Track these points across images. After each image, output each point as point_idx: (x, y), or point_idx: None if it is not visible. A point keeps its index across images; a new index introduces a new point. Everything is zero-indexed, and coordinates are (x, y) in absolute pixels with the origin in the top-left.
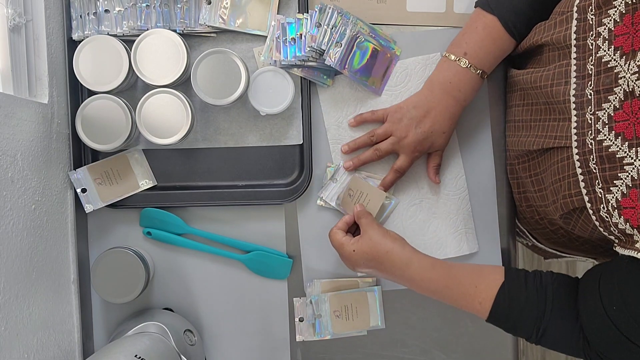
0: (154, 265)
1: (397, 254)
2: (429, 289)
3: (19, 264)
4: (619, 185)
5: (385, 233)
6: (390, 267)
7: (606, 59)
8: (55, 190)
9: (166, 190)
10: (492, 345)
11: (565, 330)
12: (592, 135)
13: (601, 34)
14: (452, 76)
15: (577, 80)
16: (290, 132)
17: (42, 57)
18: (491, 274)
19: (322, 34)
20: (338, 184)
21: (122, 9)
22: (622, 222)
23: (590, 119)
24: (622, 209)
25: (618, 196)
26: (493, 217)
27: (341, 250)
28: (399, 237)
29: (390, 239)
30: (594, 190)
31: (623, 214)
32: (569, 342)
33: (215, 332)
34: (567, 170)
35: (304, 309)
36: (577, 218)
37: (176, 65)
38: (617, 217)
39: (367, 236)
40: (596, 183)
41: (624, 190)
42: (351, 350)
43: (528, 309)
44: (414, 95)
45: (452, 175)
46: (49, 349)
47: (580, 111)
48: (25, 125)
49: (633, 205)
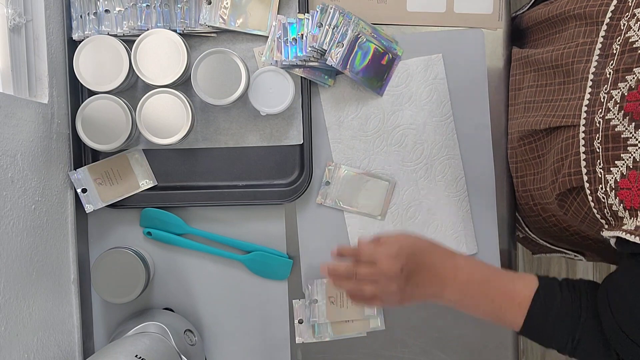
0: (154, 266)
1: (437, 248)
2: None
3: (19, 264)
4: (620, 167)
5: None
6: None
7: (633, 39)
8: (56, 190)
9: (166, 190)
10: (492, 345)
11: (599, 341)
12: (602, 114)
13: (636, 14)
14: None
15: (599, 59)
16: (291, 132)
17: (42, 57)
18: (527, 278)
19: (324, 34)
20: (332, 186)
21: (122, 9)
22: (616, 204)
23: (603, 97)
24: (619, 189)
25: (617, 177)
26: (492, 219)
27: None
28: None
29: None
30: (594, 171)
31: (619, 194)
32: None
33: (216, 332)
34: (571, 149)
35: (303, 311)
36: (572, 200)
37: (176, 65)
38: (613, 197)
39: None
40: (597, 163)
41: (623, 172)
42: (351, 350)
43: (563, 314)
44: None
45: (451, 177)
46: (49, 349)
47: (595, 89)
48: (25, 125)
49: (629, 187)
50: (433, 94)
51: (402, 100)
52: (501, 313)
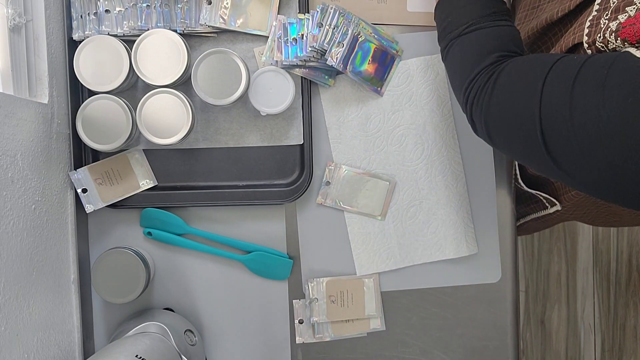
0: (155, 266)
1: None
2: None
3: (19, 264)
4: (629, 11)
5: None
6: None
7: None
8: (56, 190)
9: (166, 191)
10: (492, 345)
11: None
12: None
13: None
14: None
15: None
16: (291, 132)
17: (42, 57)
18: None
19: (324, 34)
20: (332, 186)
21: (122, 9)
22: (619, 44)
23: None
24: (622, 29)
25: (622, 19)
26: (492, 219)
27: None
28: None
29: None
30: (597, 23)
31: (620, 34)
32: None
33: (216, 332)
34: (581, 11)
35: (303, 311)
36: None
37: (177, 66)
38: (613, 41)
39: None
40: (604, 15)
41: (631, 14)
42: (352, 350)
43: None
44: None
45: (451, 176)
46: (49, 349)
47: None
48: (25, 125)
49: (633, 22)
50: (433, 94)
51: (403, 100)
52: None
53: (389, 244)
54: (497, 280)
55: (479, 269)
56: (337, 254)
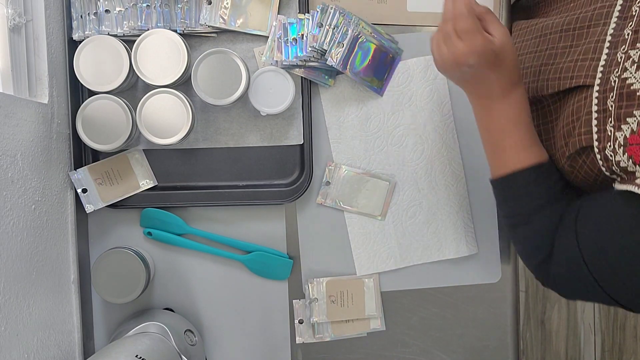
0: (155, 266)
1: (516, 67)
2: (499, 119)
3: (19, 264)
4: (630, 123)
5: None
6: (501, 76)
7: None
8: (56, 190)
9: (166, 191)
10: (492, 345)
11: (540, 237)
12: (618, 73)
13: None
14: None
15: (617, 21)
16: (291, 132)
17: (42, 57)
18: (542, 148)
19: (324, 34)
20: (332, 186)
21: (122, 9)
22: (624, 160)
23: (620, 57)
24: (628, 145)
25: (627, 133)
26: (492, 219)
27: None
28: None
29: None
30: (604, 129)
31: (627, 150)
32: (536, 248)
33: (216, 332)
34: (582, 110)
35: (303, 311)
36: (582, 163)
37: (177, 66)
38: (621, 154)
39: (503, 31)
40: (609, 121)
41: (634, 128)
42: (352, 350)
43: (542, 195)
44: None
45: (451, 176)
46: (49, 349)
47: (612, 50)
48: (25, 125)
49: (638, 142)
50: (433, 94)
51: (403, 100)
52: (499, 153)
53: (389, 244)
54: (497, 280)
55: (479, 269)
56: (337, 254)
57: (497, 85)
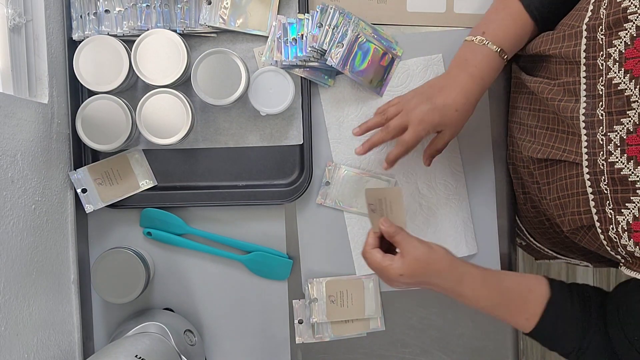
0: (154, 266)
1: (447, 272)
2: (478, 304)
3: (19, 264)
4: (631, 208)
5: (430, 250)
6: (441, 284)
7: (616, 81)
8: (56, 190)
9: (166, 191)
10: (492, 345)
11: (606, 352)
12: (604, 157)
13: (611, 55)
14: (469, 53)
15: (587, 100)
16: (291, 132)
17: (42, 57)
18: (538, 287)
19: (324, 34)
20: (332, 186)
21: (122, 9)
22: (631, 245)
23: (601, 140)
24: (633, 232)
25: (629, 219)
26: (492, 219)
27: (384, 273)
28: (442, 248)
29: (437, 256)
30: (604, 211)
31: (633, 237)
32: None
33: (216, 332)
34: (577, 188)
35: (303, 311)
36: (584, 234)
37: (176, 66)
38: (626, 239)
39: (412, 257)
40: (607, 204)
41: (635, 214)
42: (352, 350)
43: (573, 325)
44: (432, 79)
45: (451, 177)
46: (49, 349)
47: (590, 130)
48: (25, 125)
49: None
50: None
51: None
52: (512, 321)
53: None
54: None
55: None
56: (337, 254)
57: (445, 285)
